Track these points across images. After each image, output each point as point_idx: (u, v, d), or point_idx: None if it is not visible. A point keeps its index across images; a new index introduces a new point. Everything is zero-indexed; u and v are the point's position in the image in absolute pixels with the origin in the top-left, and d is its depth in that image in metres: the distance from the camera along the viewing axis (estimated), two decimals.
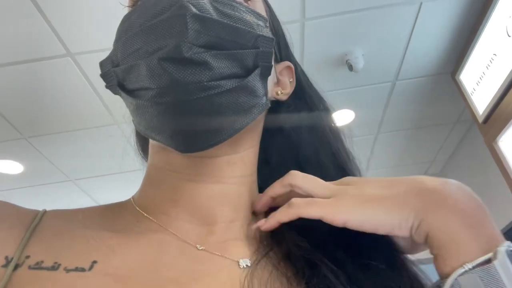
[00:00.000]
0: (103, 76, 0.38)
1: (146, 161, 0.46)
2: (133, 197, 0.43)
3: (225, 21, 0.35)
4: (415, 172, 3.40)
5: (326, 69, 2.08)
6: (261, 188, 0.43)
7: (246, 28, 0.36)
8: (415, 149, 3.01)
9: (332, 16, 1.79)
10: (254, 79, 0.36)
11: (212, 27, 0.34)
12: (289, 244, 0.37)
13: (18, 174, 2.59)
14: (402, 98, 2.39)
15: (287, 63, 0.47)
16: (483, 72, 1.85)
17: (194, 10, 0.33)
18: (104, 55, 0.42)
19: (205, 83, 0.33)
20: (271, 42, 0.37)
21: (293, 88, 0.47)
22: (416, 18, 1.85)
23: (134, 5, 0.41)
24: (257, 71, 0.36)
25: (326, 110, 0.50)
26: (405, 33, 1.93)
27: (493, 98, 1.78)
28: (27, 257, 0.33)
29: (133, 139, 0.51)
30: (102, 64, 0.38)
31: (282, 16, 0.52)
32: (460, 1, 1.79)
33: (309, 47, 1.93)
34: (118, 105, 0.44)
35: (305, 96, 0.49)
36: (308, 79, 0.51)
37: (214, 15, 0.35)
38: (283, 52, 0.47)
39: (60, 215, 0.39)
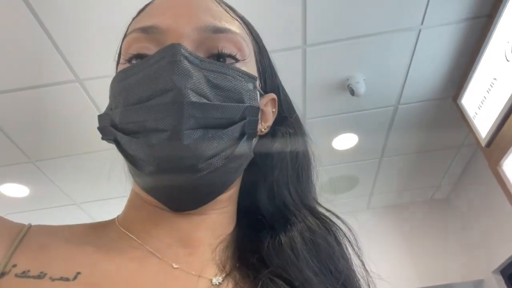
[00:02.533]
0: (101, 129, 0.41)
1: None
2: (117, 217, 0.45)
3: (218, 102, 0.39)
4: (421, 197, 3.36)
5: (328, 93, 2.11)
6: (246, 207, 0.47)
7: (235, 103, 0.40)
8: (420, 173, 3.00)
9: (333, 43, 1.84)
10: (241, 146, 0.41)
11: (207, 110, 0.38)
12: (250, 267, 0.40)
13: (24, 198, 2.62)
14: (405, 122, 2.40)
15: (272, 95, 0.49)
16: (484, 96, 1.86)
17: (191, 97, 0.37)
18: (110, 80, 0.44)
19: (198, 166, 0.37)
20: (257, 111, 0.42)
21: (274, 118, 0.49)
22: (416, 44, 1.89)
23: (130, 59, 0.43)
24: (244, 138, 0.41)
25: (303, 136, 0.52)
26: (405, 58, 1.97)
27: (495, 122, 1.78)
28: (14, 265, 0.35)
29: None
30: (101, 118, 0.41)
31: (283, 42, 0.53)
32: (458, 28, 1.84)
33: (311, 73, 1.97)
34: None
35: (284, 122, 0.51)
36: (289, 103, 0.53)
37: (209, 94, 0.39)
38: (268, 83, 0.49)
39: (45, 230, 0.41)
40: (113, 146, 0.50)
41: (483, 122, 1.89)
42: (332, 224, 0.46)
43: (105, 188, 2.59)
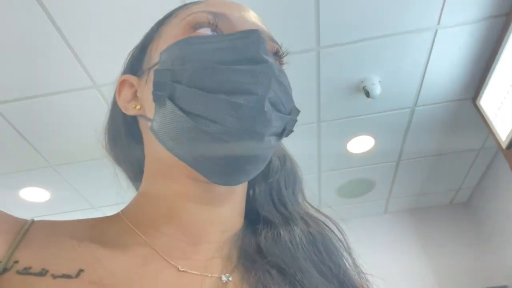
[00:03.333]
0: (157, 84, 0.39)
1: (136, 184, 0.50)
2: (122, 212, 0.44)
3: (288, 89, 0.41)
4: (441, 200, 3.29)
5: (343, 95, 2.10)
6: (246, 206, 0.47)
7: (291, 98, 0.43)
8: (439, 177, 2.93)
9: (347, 44, 1.83)
10: (280, 140, 0.43)
11: (282, 91, 0.39)
12: (252, 261, 0.40)
13: (45, 202, 2.67)
14: (422, 124, 2.36)
15: None
16: (504, 97, 1.82)
17: (276, 73, 0.38)
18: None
19: (266, 137, 0.38)
20: (298, 113, 0.44)
21: None
22: (433, 44, 1.86)
23: (195, 26, 0.43)
24: (285, 134, 0.43)
25: None
26: (422, 59, 1.93)
27: None
28: (16, 262, 0.34)
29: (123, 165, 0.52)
30: (160, 73, 0.39)
31: (297, 44, 0.54)
32: (476, 28, 1.80)
33: (325, 74, 1.95)
34: None
35: None
36: None
37: (284, 80, 0.41)
38: None
39: (48, 225, 0.40)
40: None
41: (504, 124, 1.84)
42: (324, 224, 0.48)
43: (121, 192, 2.63)
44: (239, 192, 0.44)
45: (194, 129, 0.36)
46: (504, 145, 1.86)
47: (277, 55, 0.47)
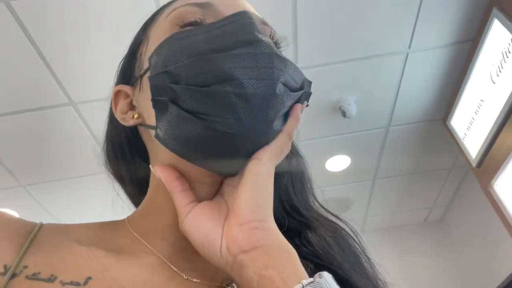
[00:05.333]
0: (156, 88, 0.36)
1: (135, 201, 0.48)
2: (128, 220, 0.43)
3: (292, 62, 0.38)
4: (416, 219, 3.36)
5: (320, 115, 2.14)
6: None
7: (299, 70, 0.40)
8: (413, 195, 3.00)
9: (324, 66, 1.88)
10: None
11: (288, 67, 0.36)
12: None
13: None
14: (397, 144, 2.43)
15: None
16: (473, 118, 1.90)
17: (276, 51, 0.36)
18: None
19: (274, 122, 0.35)
20: (310, 85, 0.41)
21: None
22: (404, 67, 1.94)
23: (181, 22, 0.40)
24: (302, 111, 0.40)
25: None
26: (395, 81, 2.01)
27: (483, 143, 1.81)
28: (25, 267, 0.34)
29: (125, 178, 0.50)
30: (155, 78, 0.36)
31: None
32: (444, 52, 1.89)
33: None
34: None
35: None
36: None
37: (285, 56, 0.38)
38: None
39: (56, 230, 0.40)
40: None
41: (473, 143, 1.92)
42: (339, 226, 0.47)
43: (97, 214, 2.55)
44: None
45: (206, 129, 0.34)
46: (474, 164, 1.93)
47: (272, 39, 0.43)
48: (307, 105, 0.41)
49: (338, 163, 2.53)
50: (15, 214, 2.47)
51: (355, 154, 2.47)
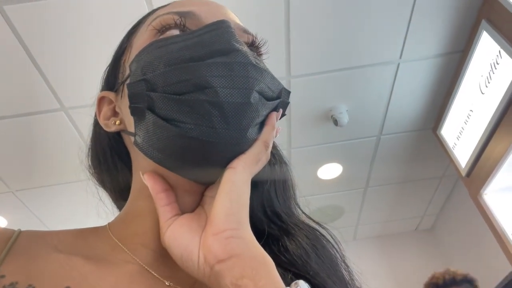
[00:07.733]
0: (133, 96, 0.36)
1: (118, 203, 0.48)
2: (109, 226, 0.43)
3: (270, 72, 0.39)
4: (407, 227, 3.37)
5: (312, 124, 2.15)
6: None
7: (277, 80, 0.40)
8: (405, 204, 3.02)
9: (316, 74, 1.90)
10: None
11: (264, 75, 0.37)
12: None
13: None
14: (388, 152, 2.45)
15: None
16: (462, 127, 1.93)
17: (252, 60, 0.36)
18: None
19: (249, 130, 0.36)
20: (289, 94, 0.41)
21: None
22: (395, 77, 1.96)
23: (161, 29, 0.41)
24: (279, 118, 0.40)
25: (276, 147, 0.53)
26: (386, 90, 2.03)
27: (473, 152, 1.84)
28: (2, 276, 0.33)
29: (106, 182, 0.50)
30: (133, 85, 0.36)
31: None
32: (435, 62, 1.92)
33: (295, 103, 2.01)
34: None
35: None
36: None
37: (261, 65, 0.38)
38: None
39: (35, 237, 0.39)
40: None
41: (462, 153, 1.95)
42: (319, 233, 0.47)
43: (86, 220, 2.53)
44: None
45: (180, 137, 0.34)
46: (463, 173, 1.95)
47: (254, 45, 0.44)
48: (284, 114, 0.42)
49: (330, 171, 2.54)
50: (3, 219, 2.44)
51: (347, 162, 2.49)
